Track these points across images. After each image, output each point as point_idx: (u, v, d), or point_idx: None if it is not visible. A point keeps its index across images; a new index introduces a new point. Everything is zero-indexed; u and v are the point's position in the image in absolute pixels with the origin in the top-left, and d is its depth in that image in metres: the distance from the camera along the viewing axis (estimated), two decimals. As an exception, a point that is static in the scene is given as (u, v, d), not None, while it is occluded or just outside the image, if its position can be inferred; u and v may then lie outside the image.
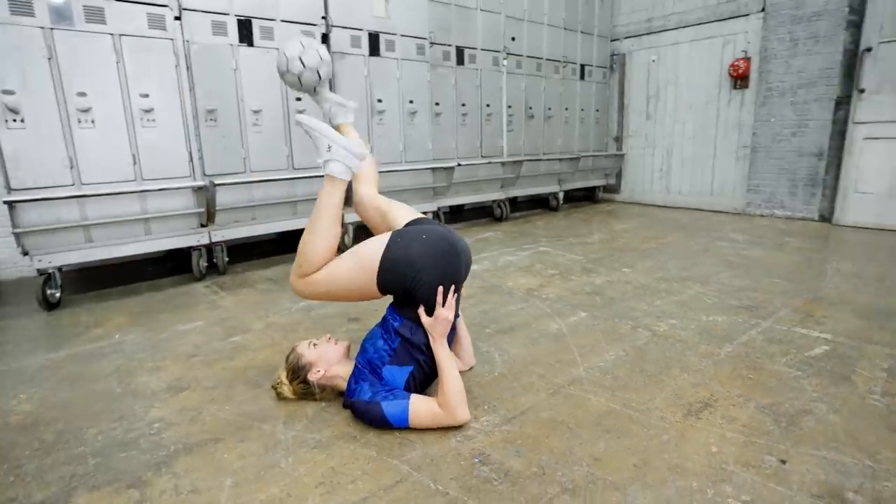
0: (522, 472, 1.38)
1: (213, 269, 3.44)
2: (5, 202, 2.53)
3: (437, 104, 4.54)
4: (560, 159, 5.86)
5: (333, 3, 3.65)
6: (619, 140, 6.57)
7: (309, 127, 1.67)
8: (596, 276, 3.23)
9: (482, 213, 5.84)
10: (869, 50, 4.32)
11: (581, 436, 1.55)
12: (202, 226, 3.28)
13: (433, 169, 4.48)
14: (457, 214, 5.73)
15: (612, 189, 6.77)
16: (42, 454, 1.49)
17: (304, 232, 1.66)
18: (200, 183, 3.14)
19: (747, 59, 5.10)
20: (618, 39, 6.25)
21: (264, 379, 1.92)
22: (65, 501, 1.29)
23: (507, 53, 5.09)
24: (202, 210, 3.20)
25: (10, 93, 2.59)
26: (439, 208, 4.64)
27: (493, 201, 5.37)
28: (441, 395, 1.54)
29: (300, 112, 3.61)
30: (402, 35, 4.07)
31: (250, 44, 3.33)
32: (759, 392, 1.79)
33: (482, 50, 4.87)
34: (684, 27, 5.58)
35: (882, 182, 4.41)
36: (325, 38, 3.67)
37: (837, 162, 4.66)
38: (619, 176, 6.67)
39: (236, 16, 3.25)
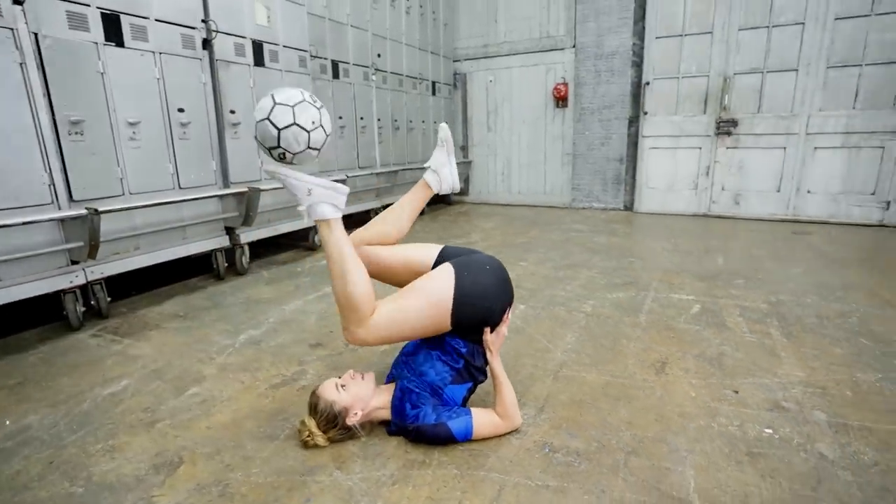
0: (587, 449, 1.50)
1: (90, 314, 2.68)
2: None
3: (318, 116, 4.26)
4: (423, 168, 6.06)
5: (214, 6, 3.14)
6: (465, 149, 7.08)
7: (283, 175, 1.42)
8: (504, 272, 3.50)
9: (358, 223, 5.67)
10: (648, 84, 5.54)
11: (602, 408, 1.73)
12: (74, 263, 2.52)
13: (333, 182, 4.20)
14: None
15: (463, 192, 7.26)
16: None
17: (335, 285, 1.46)
18: (71, 213, 2.41)
19: (566, 84, 6.03)
20: (459, 60, 6.72)
21: (273, 428, 1.64)
22: None
23: (375, 69, 5.05)
24: (73, 246, 2.47)
25: None
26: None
27: (370, 210, 5.29)
28: (500, 406, 1.55)
29: (267, 160, 3.04)
30: (284, 46, 3.71)
31: (120, 44, 2.66)
32: (686, 346, 2.24)
33: (354, 65, 4.74)
34: (515, 54, 6.29)
35: (662, 180, 5.72)
36: (206, 44, 3.14)
37: (634, 165, 5.87)
38: (467, 181, 7.19)
39: (99, 8, 2.56)
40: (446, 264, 1.58)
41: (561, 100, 6.09)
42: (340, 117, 4.63)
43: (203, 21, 3.11)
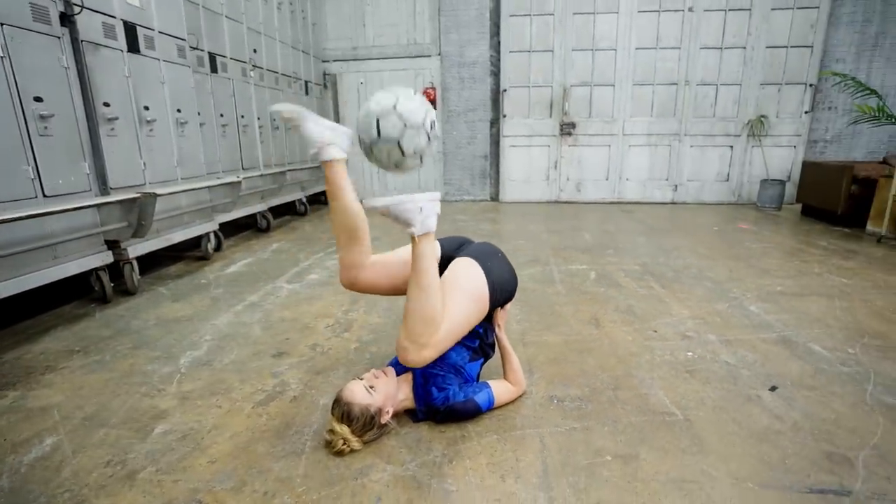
0: (584, 394, 1.69)
1: (-67, 369, 1.91)
2: None
3: (199, 114, 3.68)
4: (302, 168, 5.68)
5: (72, -26, 2.47)
6: (340, 150, 6.81)
7: (398, 202, 1.27)
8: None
9: (242, 228, 5.05)
10: (505, 90, 6.09)
11: (574, 360, 1.94)
12: None
13: (210, 187, 3.65)
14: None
15: (340, 192, 7.00)
16: None
17: (419, 299, 1.31)
18: None
19: (433, 89, 6.24)
20: (328, 61, 6.41)
21: (290, 445, 1.44)
22: None
23: (253, 65, 4.53)
24: None
25: None
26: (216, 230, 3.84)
27: (256, 213, 4.77)
28: (511, 374, 1.63)
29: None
30: (160, 32, 3.09)
31: (-50, 11, 1.92)
32: (602, 303, 2.61)
33: (232, 59, 4.17)
34: (385, 59, 6.26)
35: (521, 173, 6.38)
36: (65, 19, 2.45)
37: (497, 161, 6.41)
38: (344, 180, 6.94)
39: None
40: (465, 259, 1.55)
41: (431, 102, 6.28)
42: (222, 115, 4.05)
43: (60, -8, 2.42)
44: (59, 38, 2.43)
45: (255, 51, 4.57)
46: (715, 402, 1.62)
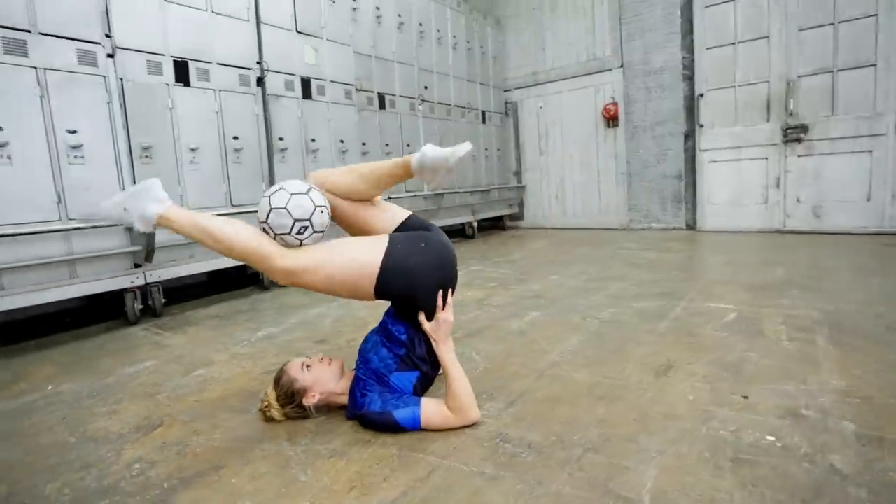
0: (543, 443, 1.34)
1: (147, 313, 2.99)
2: None
3: (363, 144, 4.52)
4: (472, 192, 6.10)
5: (269, 51, 3.53)
6: (518, 174, 7.02)
7: (91, 213, 1.61)
8: (532, 284, 3.35)
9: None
10: (701, 95, 5.16)
11: (580, 405, 1.55)
12: (136, 266, 2.86)
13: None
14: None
15: (517, 217, 7.16)
16: (-4, 519, 1.14)
17: (220, 252, 1.45)
18: (135, 221, 2.76)
19: (615, 104, 5.81)
20: (510, 90, 6.79)
21: (250, 404, 1.68)
22: (45, 563, 0.99)
23: (422, 100, 5.27)
24: (136, 249, 2.80)
25: None
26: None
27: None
28: (450, 399, 1.42)
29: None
30: (331, 81, 4.04)
31: (187, 84, 3.08)
32: (702, 351, 1.95)
33: (401, 97, 4.99)
34: (563, 79, 6.23)
35: (726, 195, 5.19)
36: (259, 82, 3.51)
37: (693, 181, 5.41)
38: (521, 205, 7.08)
39: (172, 56, 3.00)
40: (386, 235, 1.53)
41: (611, 119, 5.86)
42: (387, 144, 4.85)
43: (258, 63, 3.49)
44: (254, 94, 3.49)
45: (425, 87, 5.30)
46: (731, 506, 1.05)
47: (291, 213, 1.40)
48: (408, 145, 5.09)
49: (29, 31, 2.40)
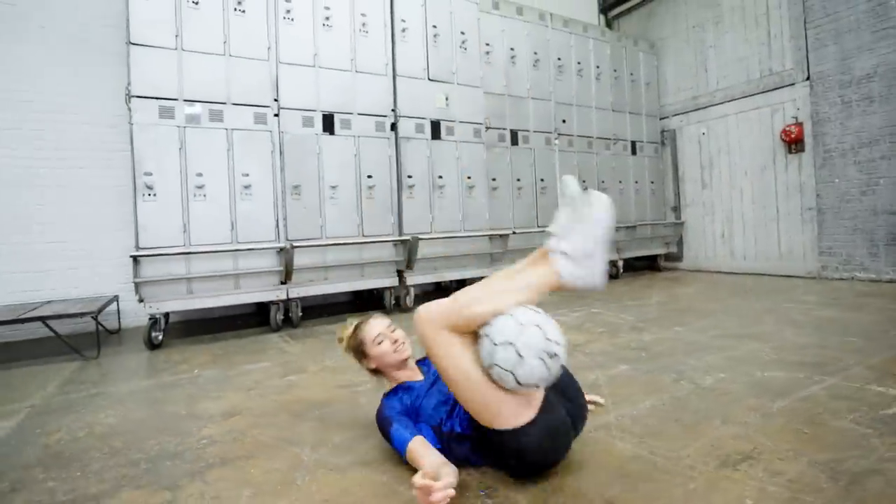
0: (528, 507, 1.24)
1: (287, 323, 3.64)
2: (132, 256, 2.94)
3: (493, 179, 4.69)
4: (616, 228, 5.69)
5: (402, 99, 4.04)
6: (676, 209, 6.28)
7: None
8: (645, 334, 2.98)
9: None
10: (936, 106, 3.89)
11: (594, 478, 1.36)
12: (282, 283, 3.53)
13: (489, 236, 4.53)
14: (515, 280, 5.64)
15: (675, 257, 6.36)
16: (107, 457, 1.59)
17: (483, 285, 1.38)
18: (283, 244, 3.44)
19: (799, 125, 4.79)
20: (666, 117, 6.20)
21: (307, 411, 1.94)
22: (112, 495, 1.35)
23: (559, 134, 5.22)
24: (282, 269, 3.47)
25: (149, 174, 3.09)
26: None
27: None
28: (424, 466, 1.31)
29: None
30: (460, 121, 4.36)
31: (331, 132, 3.74)
32: (815, 447, 1.49)
33: (534, 132, 5.04)
34: (730, 101, 5.43)
35: (978, 240, 3.75)
36: (393, 126, 4.02)
37: (920, 220, 4.07)
38: (680, 244, 6.29)
39: (322, 111, 3.71)
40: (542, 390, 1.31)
41: (794, 143, 4.83)
42: (518, 179, 4.94)
43: (392, 110, 4.01)
44: (388, 138, 4.01)
45: (563, 121, 5.25)
46: None
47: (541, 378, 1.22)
48: (541, 180, 5.08)
49: (224, 103, 3.29)
